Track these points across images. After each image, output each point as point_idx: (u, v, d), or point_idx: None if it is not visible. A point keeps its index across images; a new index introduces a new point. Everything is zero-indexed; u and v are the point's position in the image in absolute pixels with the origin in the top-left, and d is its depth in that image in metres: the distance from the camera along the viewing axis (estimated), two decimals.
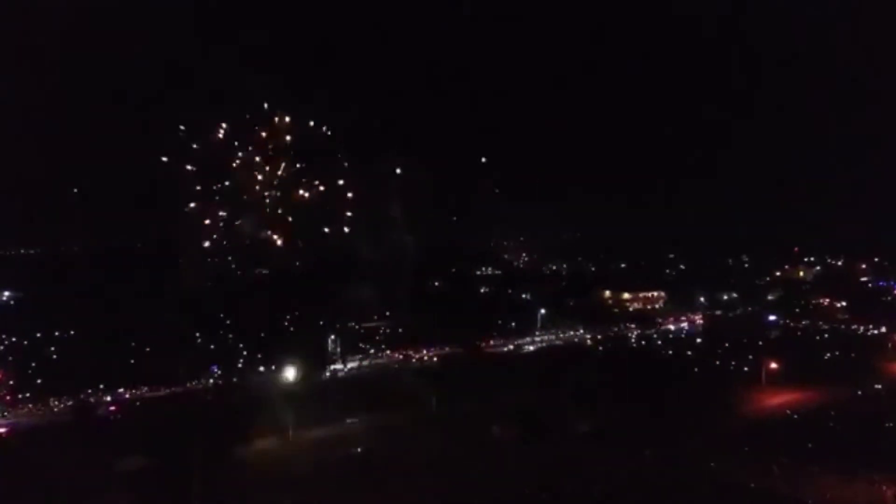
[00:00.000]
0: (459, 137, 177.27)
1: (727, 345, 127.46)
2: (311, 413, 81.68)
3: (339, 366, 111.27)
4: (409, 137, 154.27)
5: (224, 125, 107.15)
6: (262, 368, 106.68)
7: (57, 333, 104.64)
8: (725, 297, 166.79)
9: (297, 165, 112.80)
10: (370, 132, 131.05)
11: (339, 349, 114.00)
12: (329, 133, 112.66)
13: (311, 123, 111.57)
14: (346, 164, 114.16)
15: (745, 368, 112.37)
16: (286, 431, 78.75)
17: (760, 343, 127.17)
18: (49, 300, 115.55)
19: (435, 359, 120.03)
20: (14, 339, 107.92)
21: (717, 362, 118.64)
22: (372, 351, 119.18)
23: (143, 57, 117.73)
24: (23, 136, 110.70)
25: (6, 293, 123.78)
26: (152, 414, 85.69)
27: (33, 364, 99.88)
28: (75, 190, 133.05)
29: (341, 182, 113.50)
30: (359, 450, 75.03)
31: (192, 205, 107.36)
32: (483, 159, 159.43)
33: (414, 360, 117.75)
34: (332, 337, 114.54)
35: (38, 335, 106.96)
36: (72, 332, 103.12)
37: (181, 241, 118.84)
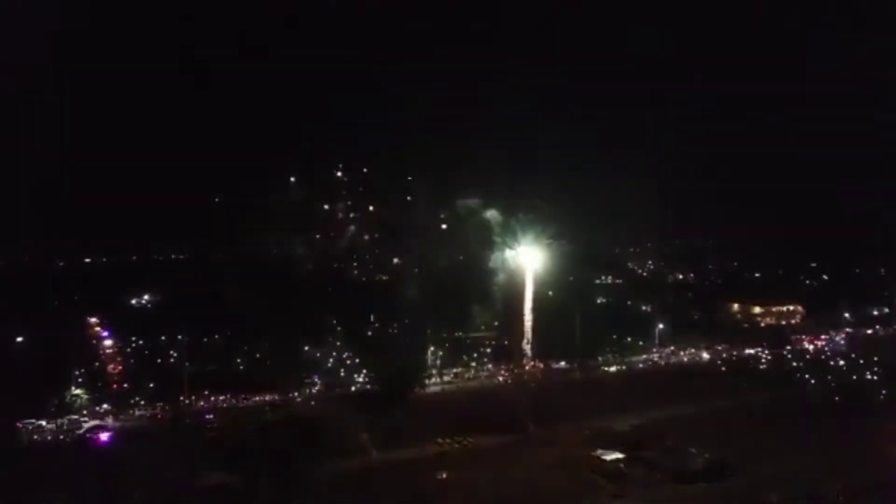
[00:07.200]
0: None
1: (878, 370, 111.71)
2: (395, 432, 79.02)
3: (435, 380, 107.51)
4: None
5: None
6: (360, 379, 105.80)
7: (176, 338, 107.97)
8: (876, 313, 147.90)
9: None
10: None
11: (438, 362, 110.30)
12: None
13: None
14: None
15: None
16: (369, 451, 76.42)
17: None
18: (176, 306, 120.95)
19: (539, 375, 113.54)
20: (141, 342, 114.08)
21: (865, 391, 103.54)
22: (474, 364, 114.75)
23: None
24: None
25: (146, 297, 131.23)
26: (247, 425, 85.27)
27: (147, 365, 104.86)
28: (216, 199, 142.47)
29: None
30: (444, 475, 70.72)
31: None
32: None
33: (517, 376, 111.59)
34: (432, 348, 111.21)
35: (162, 339, 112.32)
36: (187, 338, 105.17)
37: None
